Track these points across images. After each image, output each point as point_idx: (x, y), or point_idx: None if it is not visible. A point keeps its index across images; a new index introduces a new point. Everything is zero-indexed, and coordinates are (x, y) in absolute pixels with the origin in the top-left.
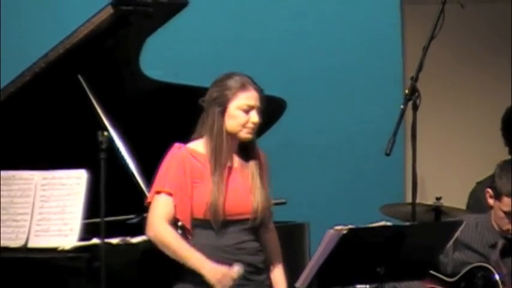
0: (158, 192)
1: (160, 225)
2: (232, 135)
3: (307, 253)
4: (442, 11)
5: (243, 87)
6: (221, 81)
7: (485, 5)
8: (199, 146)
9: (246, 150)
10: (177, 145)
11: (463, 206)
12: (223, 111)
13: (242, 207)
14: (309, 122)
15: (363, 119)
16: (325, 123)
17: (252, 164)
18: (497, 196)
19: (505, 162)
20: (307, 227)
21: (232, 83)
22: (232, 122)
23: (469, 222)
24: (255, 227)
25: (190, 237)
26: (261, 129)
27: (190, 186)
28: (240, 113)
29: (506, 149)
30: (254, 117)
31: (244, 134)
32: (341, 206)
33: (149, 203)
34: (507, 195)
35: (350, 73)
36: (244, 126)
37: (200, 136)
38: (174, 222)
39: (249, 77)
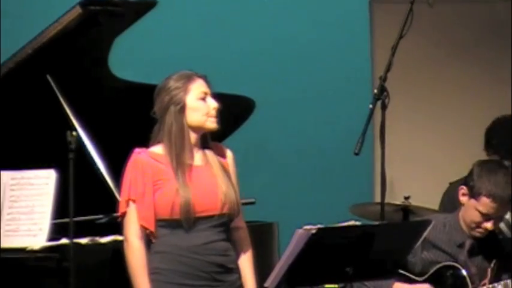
0: (127, 202)
1: (130, 241)
2: (196, 129)
3: (277, 253)
4: (411, 10)
5: (189, 79)
6: (164, 87)
7: (454, 4)
8: (159, 149)
9: (208, 147)
10: (136, 150)
11: (432, 206)
12: (182, 109)
13: (209, 203)
14: (278, 123)
15: (331, 119)
16: (294, 124)
17: (216, 160)
18: (475, 195)
19: (485, 162)
20: (276, 227)
21: (177, 80)
22: (195, 114)
23: (436, 221)
24: (224, 224)
25: (154, 241)
26: (229, 128)
27: (152, 189)
28: (200, 102)
29: (475, 149)
30: (212, 102)
31: (210, 124)
32: (310, 205)
33: (123, 213)
34: (487, 196)
35: (319, 73)
36: (208, 115)
37: (158, 142)
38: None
39: (188, 70)
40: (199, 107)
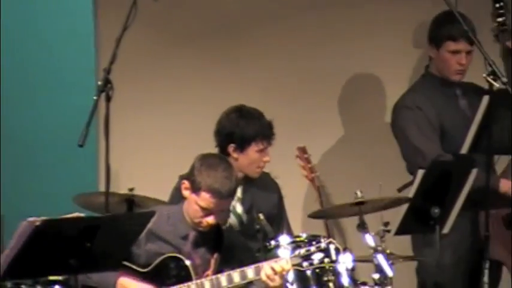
0: None
1: None
2: None
3: (1, 245)
4: (135, 3)
5: None
6: None
7: None
8: None
9: None
10: None
11: (157, 197)
12: None
13: None
14: (2, 114)
15: (56, 111)
16: (18, 115)
17: None
18: (196, 190)
19: (205, 156)
20: (1, 219)
21: None
22: None
23: (161, 213)
24: None
25: None
26: None
27: None
28: None
29: (204, 140)
30: None
31: None
32: (35, 197)
33: None
34: (206, 191)
35: (42, 64)
36: None
37: None
38: None
39: None
40: None
